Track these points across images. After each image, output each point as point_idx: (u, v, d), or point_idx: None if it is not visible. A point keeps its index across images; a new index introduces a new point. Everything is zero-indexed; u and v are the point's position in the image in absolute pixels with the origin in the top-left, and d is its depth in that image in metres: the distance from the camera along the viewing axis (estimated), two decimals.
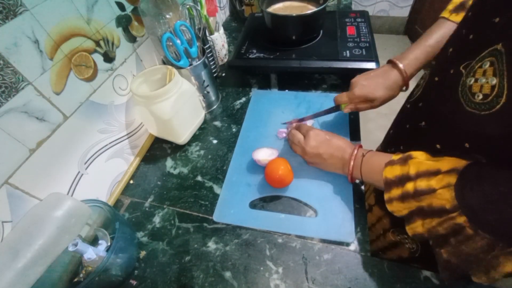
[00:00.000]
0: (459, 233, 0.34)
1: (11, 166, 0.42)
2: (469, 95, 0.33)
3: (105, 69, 0.56)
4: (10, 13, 0.38)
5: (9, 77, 0.39)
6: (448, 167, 0.34)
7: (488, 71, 0.30)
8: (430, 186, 0.35)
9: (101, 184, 0.59)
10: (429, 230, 0.37)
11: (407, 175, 0.38)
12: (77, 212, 0.43)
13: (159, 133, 0.70)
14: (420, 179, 0.36)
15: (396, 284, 0.44)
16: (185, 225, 0.56)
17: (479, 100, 0.31)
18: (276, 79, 0.84)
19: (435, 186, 0.34)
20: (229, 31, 1.08)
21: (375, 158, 0.47)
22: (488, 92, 0.30)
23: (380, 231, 0.61)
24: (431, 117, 0.44)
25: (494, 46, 0.30)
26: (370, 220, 0.64)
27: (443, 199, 0.34)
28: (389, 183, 0.41)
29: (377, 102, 0.56)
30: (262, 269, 0.48)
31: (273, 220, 0.53)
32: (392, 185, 0.40)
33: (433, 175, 0.35)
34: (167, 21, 0.61)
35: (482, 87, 0.31)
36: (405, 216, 0.40)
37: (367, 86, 0.55)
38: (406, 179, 0.38)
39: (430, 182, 0.35)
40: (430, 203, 0.35)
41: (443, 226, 0.35)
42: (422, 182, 0.36)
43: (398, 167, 0.40)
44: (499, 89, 0.29)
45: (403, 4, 2.30)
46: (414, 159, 0.39)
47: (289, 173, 0.54)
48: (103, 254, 0.46)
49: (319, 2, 0.80)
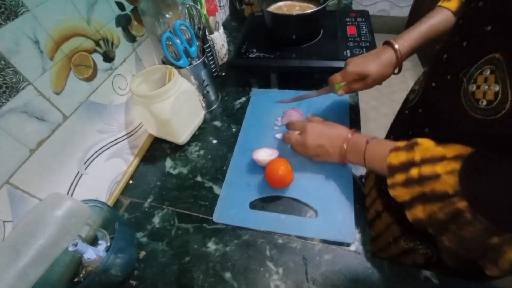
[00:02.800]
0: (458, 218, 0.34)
1: (12, 166, 0.42)
2: (473, 102, 0.33)
3: (105, 69, 0.56)
4: (11, 14, 0.38)
5: (10, 77, 0.39)
6: (453, 153, 0.35)
7: (490, 78, 0.31)
8: (434, 171, 0.35)
9: (101, 184, 0.59)
10: (429, 216, 0.37)
11: (412, 160, 0.38)
12: (77, 212, 0.43)
13: (158, 133, 0.70)
14: (425, 164, 0.36)
15: (396, 284, 0.44)
16: (184, 225, 0.56)
17: (484, 106, 0.32)
18: (276, 78, 0.84)
19: (439, 171, 0.35)
20: (229, 30, 1.08)
21: (379, 145, 0.46)
22: (492, 98, 0.31)
23: (390, 238, 0.60)
24: (434, 123, 0.44)
25: (491, 55, 0.31)
26: (379, 227, 0.64)
27: (447, 184, 0.34)
28: (393, 168, 0.40)
29: (370, 79, 0.55)
30: (262, 270, 0.48)
31: (274, 221, 0.53)
32: (396, 171, 0.40)
33: (439, 161, 0.35)
34: (166, 20, 0.61)
35: (485, 93, 0.31)
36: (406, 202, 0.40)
37: (360, 63, 0.56)
38: (411, 165, 0.38)
39: (435, 168, 0.35)
40: (433, 188, 0.35)
41: (443, 211, 0.35)
42: (427, 167, 0.36)
43: (403, 153, 0.40)
44: (503, 95, 0.29)
45: (403, 4, 2.30)
46: (420, 145, 0.39)
47: (289, 173, 0.54)
48: (103, 254, 0.46)
49: (320, 2, 0.80)
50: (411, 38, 0.55)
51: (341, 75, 0.58)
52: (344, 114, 0.68)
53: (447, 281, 0.44)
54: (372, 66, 0.55)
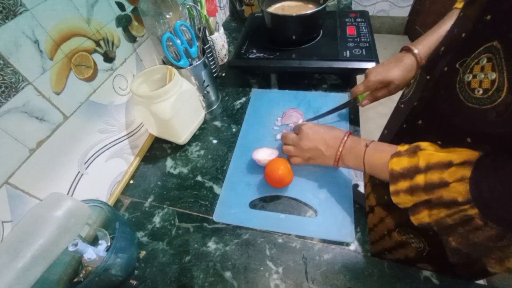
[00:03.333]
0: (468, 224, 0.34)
1: (11, 166, 0.42)
2: (469, 91, 0.33)
3: (105, 69, 0.56)
4: (10, 13, 0.38)
5: (9, 77, 0.39)
6: (460, 159, 0.34)
7: (487, 67, 0.31)
8: (442, 179, 0.34)
9: (101, 184, 0.60)
10: (436, 221, 0.36)
11: (416, 167, 0.37)
12: (77, 212, 0.43)
13: (159, 133, 0.70)
14: (431, 171, 0.35)
15: (396, 284, 0.44)
16: (185, 225, 0.56)
17: (479, 95, 0.32)
18: (276, 79, 0.84)
19: (448, 179, 0.33)
20: (229, 31, 1.08)
21: (379, 149, 0.45)
22: (488, 86, 0.31)
23: (384, 231, 0.60)
24: (429, 115, 0.44)
25: (489, 43, 0.31)
26: (372, 221, 0.64)
27: (456, 192, 0.33)
28: (396, 175, 0.39)
29: (394, 85, 0.56)
30: (262, 269, 0.48)
31: (273, 220, 0.53)
32: (399, 178, 0.39)
33: (445, 167, 0.34)
34: (167, 21, 0.61)
35: (482, 82, 0.31)
36: (410, 207, 0.39)
37: (381, 71, 0.56)
38: (416, 171, 0.37)
39: (442, 175, 0.34)
40: (441, 196, 0.34)
41: (452, 217, 0.35)
42: (434, 175, 0.35)
43: (405, 158, 0.39)
44: (499, 83, 0.29)
45: (403, 4, 2.30)
46: (423, 151, 0.37)
47: (289, 173, 0.54)
48: (103, 254, 0.46)
49: (319, 2, 0.80)
50: (429, 42, 0.55)
51: (363, 85, 0.58)
52: (344, 114, 0.68)
53: (447, 281, 0.44)
54: (394, 72, 0.55)
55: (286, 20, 0.77)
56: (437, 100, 0.41)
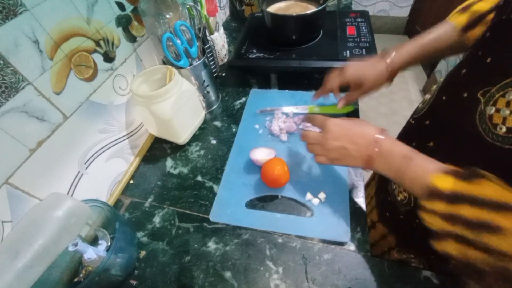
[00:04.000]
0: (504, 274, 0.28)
1: (11, 166, 0.42)
2: (489, 126, 0.30)
3: (105, 69, 0.56)
4: (10, 13, 0.38)
5: (9, 77, 0.39)
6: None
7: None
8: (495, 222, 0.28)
9: (101, 184, 0.60)
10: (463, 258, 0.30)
11: (467, 195, 0.30)
12: (77, 212, 0.43)
13: (159, 133, 0.70)
14: (486, 208, 0.29)
15: (396, 284, 0.44)
16: (185, 225, 0.56)
17: (502, 133, 0.29)
18: (276, 79, 0.84)
19: (504, 225, 0.27)
20: (229, 31, 1.08)
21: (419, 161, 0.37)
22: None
23: (385, 248, 0.59)
24: (441, 137, 0.41)
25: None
26: (373, 236, 0.63)
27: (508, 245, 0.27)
28: (438, 193, 0.32)
29: (365, 87, 0.55)
30: (262, 269, 0.48)
31: (269, 220, 0.53)
32: (441, 197, 0.32)
33: (503, 209, 0.28)
34: (167, 21, 0.61)
35: (506, 119, 0.28)
36: (436, 231, 0.33)
37: (359, 69, 0.56)
38: (464, 200, 0.30)
39: (497, 217, 0.28)
40: (486, 241, 0.28)
41: (487, 263, 0.29)
42: (488, 214, 0.28)
43: (453, 179, 0.32)
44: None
45: (403, 4, 2.30)
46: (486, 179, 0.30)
47: (285, 173, 0.54)
48: (103, 254, 0.46)
49: (319, 2, 0.80)
50: (407, 52, 0.53)
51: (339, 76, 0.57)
52: (344, 115, 0.68)
53: (447, 281, 0.44)
54: (368, 75, 0.55)
55: (286, 20, 0.77)
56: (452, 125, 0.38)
